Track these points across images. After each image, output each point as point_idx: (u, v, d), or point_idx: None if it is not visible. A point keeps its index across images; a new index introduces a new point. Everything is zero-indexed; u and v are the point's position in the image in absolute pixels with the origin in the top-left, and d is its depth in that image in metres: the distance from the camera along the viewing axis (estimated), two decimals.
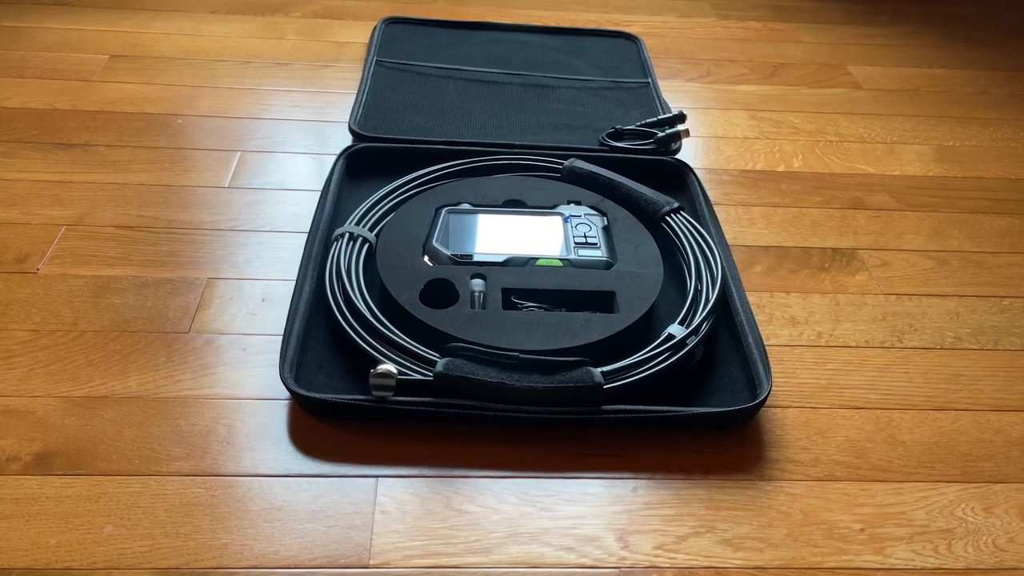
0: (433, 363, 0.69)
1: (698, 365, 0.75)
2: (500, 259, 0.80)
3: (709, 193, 0.98)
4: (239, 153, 1.02)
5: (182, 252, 0.85)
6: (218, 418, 0.69)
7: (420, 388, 0.68)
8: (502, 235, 0.84)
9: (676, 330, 0.74)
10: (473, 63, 1.23)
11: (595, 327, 0.74)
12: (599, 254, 0.83)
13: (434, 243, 0.82)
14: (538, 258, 0.81)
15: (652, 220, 0.89)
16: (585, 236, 0.84)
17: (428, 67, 1.22)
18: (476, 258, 0.80)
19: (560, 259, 0.81)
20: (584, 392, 0.68)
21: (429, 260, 0.80)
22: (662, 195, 0.92)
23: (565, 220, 0.86)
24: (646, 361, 0.72)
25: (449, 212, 0.87)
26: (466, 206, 0.88)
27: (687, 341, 0.74)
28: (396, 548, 0.60)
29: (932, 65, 1.37)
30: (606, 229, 0.86)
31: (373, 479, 0.65)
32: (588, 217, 0.87)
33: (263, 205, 0.94)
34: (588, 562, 0.61)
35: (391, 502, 0.63)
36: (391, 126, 1.06)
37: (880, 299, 0.87)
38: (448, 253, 0.81)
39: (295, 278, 0.80)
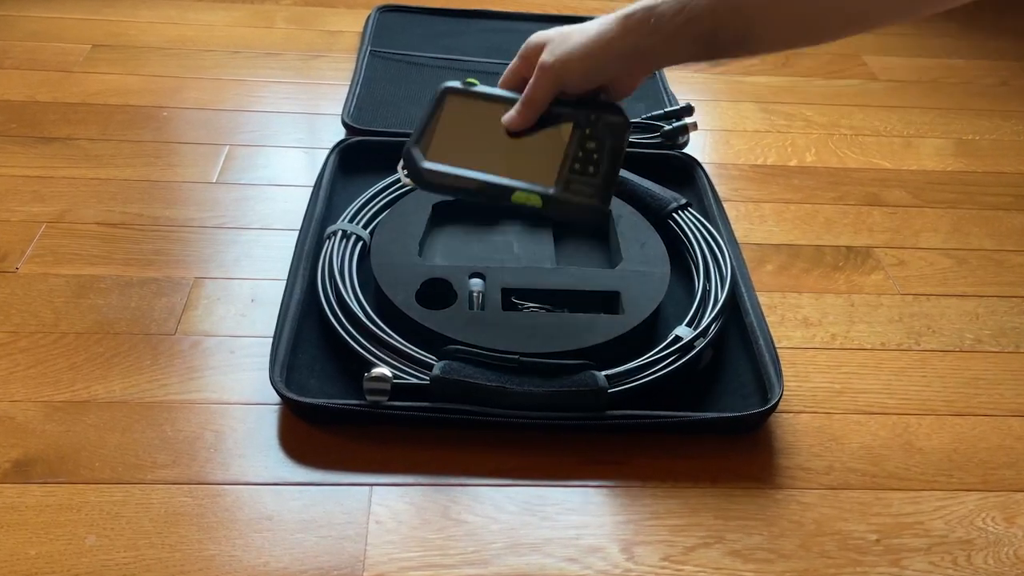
0: (430, 366, 0.69)
1: (706, 368, 0.75)
2: (472, 184, 0.71)
3: (718, 189, 0.98)
4: (227, 147, 1.02)
5: (168, 250, 0.85)
6: (205, 424, 0.69)
7: (416, 392, 0.69)
8: (495, 148, 0.73)
9: (683, 332, 0.74)
10: (471, 53, 1.23)
11: (599, 329, 0.74)
12: (589, 199, 0.69)
13: (412, 147, 0.73)
14: (515, 190, 0.70)
15: (659, 217, 0.89)
16: (591, 156, 0.70)
17: (424, 57, 1.22)
18: (449, 174, 0.71)
19: (540, 194, 0.69)
20: (587, 396, 0.68)
21: (402, 168, 0.73)
22: (669, 191, 0.92)
23: (577, 127, 0.72)
24: (652, 364, 0.72)
25: (452, 93, 0.75)
26: (482, 89, 0.75)
27: (695, 343, 0.74)
28: (391, 559, 0.60)
29: (951, 55, 1.37)
30: (619, 146, 0.71)
31: (367, 487, 0.65)
32: (610, 129, 0.71)
33: (252, 201, 0.94)
34: (591, 574, 0.61)
35: (386, 511, 0.63)
36: (386, 119, 1.06)
37: (896, 299, 0.87)
38: (421, 165, 0.72)
39: (286, 278, 0.80)
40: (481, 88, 0.75)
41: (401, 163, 0.74)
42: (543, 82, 0.69)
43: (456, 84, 0.76)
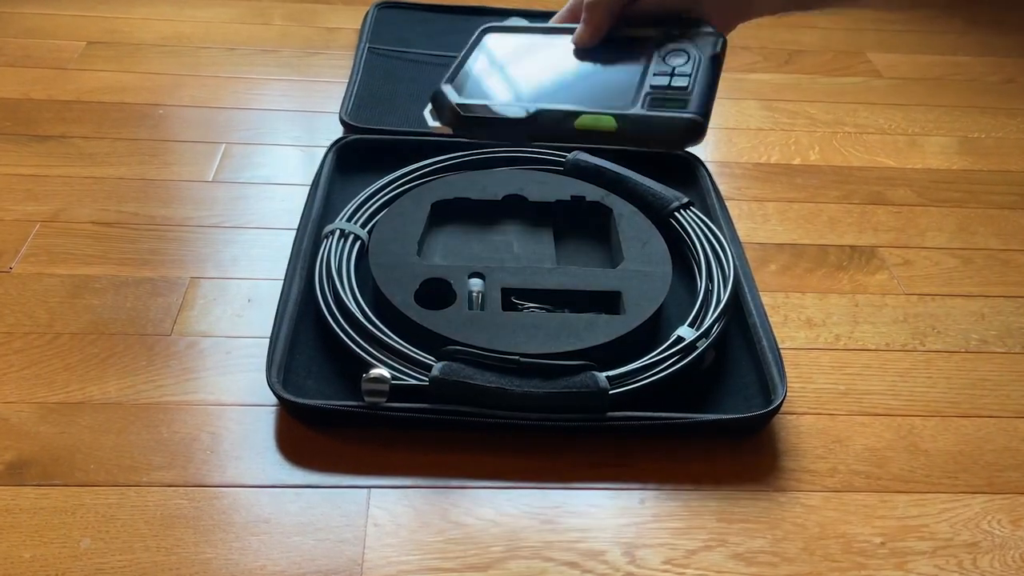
0: (429, 367, 0.69)
1: (709, 370, 0.75)
2: (522, 112, 0.57)
3: (720, 187, 0.98)
4: (223, 145, 1.02)
5: (163, 250, 0.85)
6: (201, 425, 0.69)
7: (415, 394, 0.68)
8: (544, 74, 0.61)
9: (686, 332, 0.74)
10: None
11: (600, 329, 0.74)
12: (680, 111, 0.54)
13: (443, 86, 0.60)
14: (580, 113, 0.56)
15: (660, 216, 0.89)
16: (673, 72, 0.57)
17: (424, 54, 1.22)
18: (491, 107, 0.58)
19: (614, 114, 0.56)
20: (588, 398, 0.68)
21: (430, 111, 0.60)
22: (671, 190, 0.92)
23: (657, 45, 0.59)
24: (654, 365, 0.72)
25: (491, 31, 0.64)
26: (519, 21, 0.65)
27: (697, 344, 0.74)
28: (389, 563, 0.60)
29: (956, 52, 1.37)
30: (715, 59, 0.58)
31: (365, 490, 0.65)
32: (698, 42, 0.59)
33: (249, 200, 0.94)
34: None
35: (384, 514, 0.63)
36: (384, 117, 1.06)
37: (901, 299, 0.87)
38: (456, 101, 0.59)
39: (283, 277, 0.80)
40: (527, 23, 0.64)
41: (429, 107, 0.60)
42: None
43: (496, 22, 0.65)
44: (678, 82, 0.56)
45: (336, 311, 0.75)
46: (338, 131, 1.05)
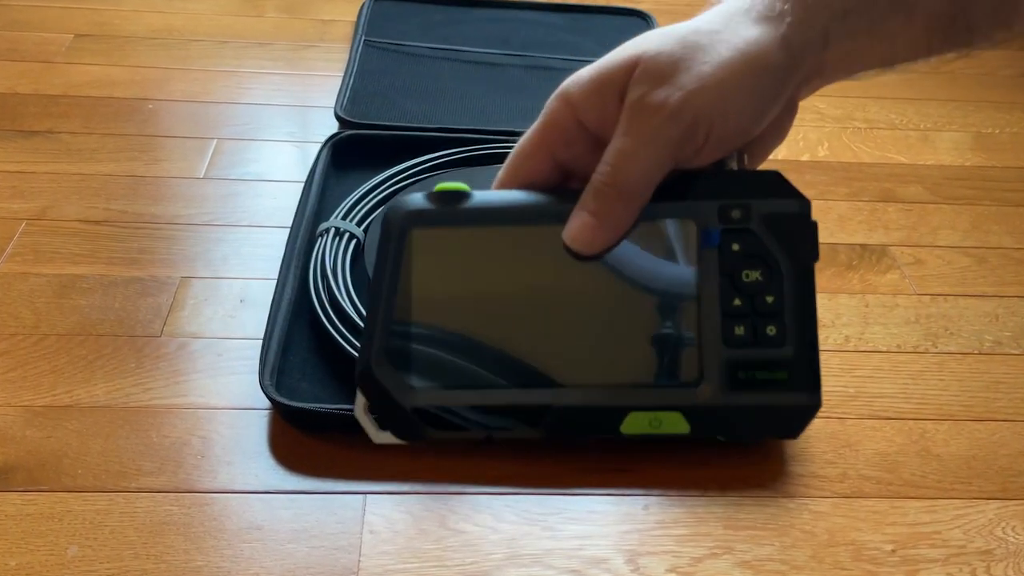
0: None
1: None
2: (534, 422, 0.37)
3: None
4: (215, 141, 1.02)
5: (153, 249, 0.85)
6: (192, 429, 0.69)
7: None
8: (538, 316, 0.37)
9: None
10: (470, 43, 1.23)
11: None
12: (783, 391, 0.39)
13: (374, 363, 0.38)
14: (623, 412, 0.37)
15: None
16: (753, 308, 0.39)
17: (421, 47, 1.22)
18: (473, 408, 0.37)
19: (683, 407, 0.37)
20: None
21: (367, 411, 0.40)
22: None
23: (708, 241, 0.39)
24: None
25: (419, 227, 0.38)
26: (482, 201, 0.39)
27: None
28: (386, 571, 0.60)
29: None
30: (809, 272, 0.41)
31: (361, 496, 0.65)
32: (773, 233, 0.40)
33: (241, 197, 0.94)
34: None
35: (381, 521, 0.63)
36: (381, 111, 1.06)
37: (913, 300, 0.87)
38: (411, 404, 0.38)
39: (276, 277, 0.80)
40: (479, 199, 0.38)
41: (361, 402, 0.39)
42: (658, 144, 0.36)
43: (418, 201, 0.38)
44: (766, 328, 0.37)
45: (331, 312, 0.75)
46: (333, 126, 1.05)
